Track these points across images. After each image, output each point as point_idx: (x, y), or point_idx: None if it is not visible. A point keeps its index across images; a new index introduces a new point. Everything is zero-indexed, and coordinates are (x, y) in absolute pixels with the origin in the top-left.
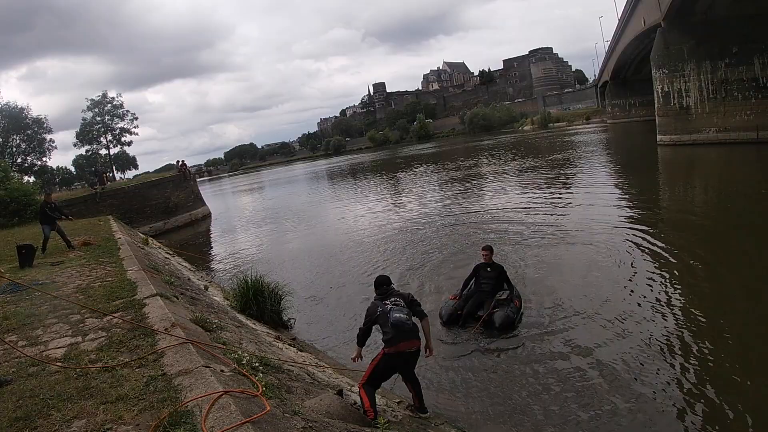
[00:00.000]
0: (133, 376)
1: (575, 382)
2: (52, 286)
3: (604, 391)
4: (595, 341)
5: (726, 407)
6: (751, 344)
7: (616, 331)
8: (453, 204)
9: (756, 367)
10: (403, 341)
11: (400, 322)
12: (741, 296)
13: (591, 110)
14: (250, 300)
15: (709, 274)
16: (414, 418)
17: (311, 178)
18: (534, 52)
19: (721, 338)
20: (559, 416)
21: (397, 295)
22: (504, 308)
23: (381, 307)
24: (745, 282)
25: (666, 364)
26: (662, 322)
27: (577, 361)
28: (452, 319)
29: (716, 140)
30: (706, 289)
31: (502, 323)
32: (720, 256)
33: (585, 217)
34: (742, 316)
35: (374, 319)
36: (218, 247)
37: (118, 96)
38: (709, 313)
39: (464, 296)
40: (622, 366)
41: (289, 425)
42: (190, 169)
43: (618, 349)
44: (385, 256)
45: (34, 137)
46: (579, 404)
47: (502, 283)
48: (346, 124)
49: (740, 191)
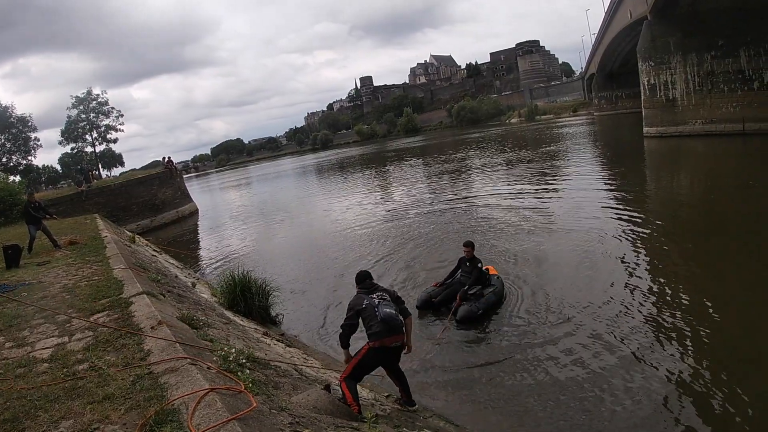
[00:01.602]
0: (119, 376)
1: (556, 371)
2: (38, 286)
3: (584, 380)
4: (576, 330)
5: (717, 399)
6: (736, 332)
7: (596, 319)
8: (440, 197)
9: (743, 354)
10: (390, 336)
11: (390, 317)
12: (721, 284)
13: (578, 103)
14: (238, 296)
15: (692, 263)
16: (402, 411)
17: (299, 174)
18: (521, 45)
19: (702, 324)
20: (542, 406)
21: (383, 290)
22: (470, 303)
23: (367, 300)
24: (726, 270)
25: (647, 351)
26: (642, 307)
27: (556, 351)
28: (424, 305)
29: (702, 132)
30: (688, 278)
31: (463, 317)
32: (703, 245)
33: (570, 208)
34: (723, 303)
35: (358, 311)
36: (205, 244)
37: (103, 93)
38: (692, 300)
39: (445, 285)
40: (601, 351)
41: (275, 421)
42: (176, 166)
43: (597, 336)
44: (372, 250)
45: (18, 136)
46: (562, 393)
47: (477, 278)
48: (334, 118)
49: (725, 182)
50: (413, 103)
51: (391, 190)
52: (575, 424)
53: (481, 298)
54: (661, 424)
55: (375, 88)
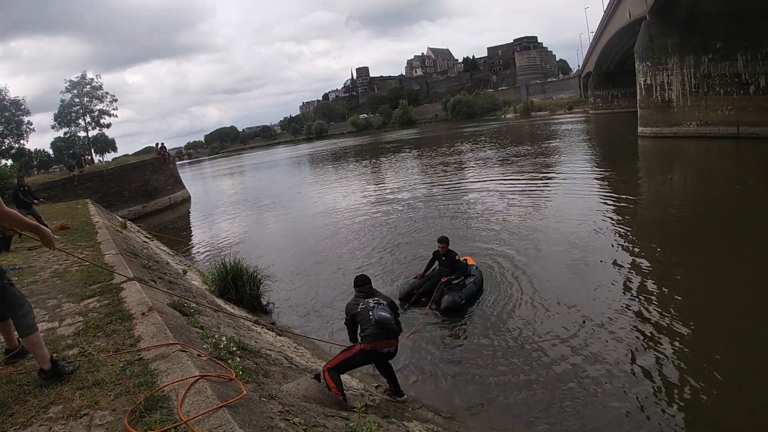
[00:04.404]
0: (109, 361)
1: (540, 361)
2: (29, 270)
3: (568, 370)
4: (555, 319)
5: (706, 398)
6: (723, 332)
7: (578, 309)
8: (432, 189)
9: (730, 355)
10: (382, 340)
11: (385, 320)
12: (711, 284)
13: (573, 100)
14: (229, 284)
15: (680, 262)
16: (391, 402)
17: (293, 163)
18: (519, 41)
19: (691, 324)
20: (526, 396)
21: (380, 296)
22: (453, 293)
23: (362, 304)
24: (717, 271)
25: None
26: (628, 305)
27: (537, 340)
28: (407, 296)
29: (697, 134)
30: (676, 277)
31: (447, 307)
32: (691, 245)
33: (558, 204)
34: (711, 303)
35: (353, 315)
36: (197, 231)
37: (97, 77)
38: (680, 300)
39: (425, 277)
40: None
41: (265, 409)
42: (169, 152)
43: (579, 326)
44: (365, 241)
45: (11, 119)
46: (546, 382)
47: (456, 269)
48: (329, 108)
49: (717, 185)
50: (409, 96)
51: (385, 182)
52: (561, 413)
53: (463, 288)
54: (653, 419)
55: (371, 79)
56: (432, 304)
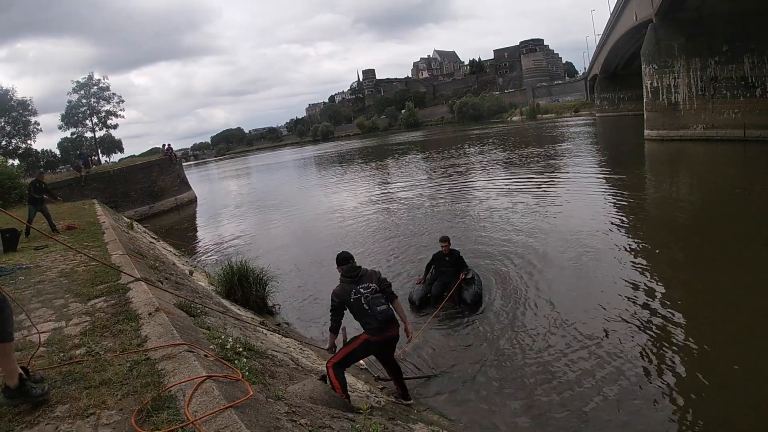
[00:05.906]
0: (116, 361)
1: (545, 364)
2: (36, 270)
3: (574, 372)
4: (568, 327)
5: (712, 400)
6: (731, 333)
7: (580, 312)
8: (439, 192)
9: (736, 352)
10: (389, 330)
11: (386, 314)
12: (719, 287)
13: (580, 103)
14: (235, 285)
15: (687, 265)
16: (397, 404)
17: (299, 165)
18: (525, 43)
19: (699, 327)
20: (533, 400)
21: (368, 280)
22: (471, 286)
23: (355, 294)
24: (722, 275)
25: (638, 345)
26: (635, 308)
27: (549, 344)
28: (423, 302)
29: (703, 137)
30: (683, 281)
31: (473, 299)
32: (699, 248)
33: (565, 206)
34: (719, 306)
35: (345, 304)
36: (204, 232)
37: (105, 78)
38: (688, 302)
39: (428, 280)
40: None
41: (272, 410)
42: (176, 153)
43: (580, 327)
44: (372, 243)
45: (19, 119)
46: (553, 385)
47: (461, 266)
48: (335, 110)
49: (723, 188)
50: (415, 98)
51: (392, 184)
52: (569, 417)
53: (476, 281)
54: (655, 422)
55: (377, 82)
56: (452, 303)
